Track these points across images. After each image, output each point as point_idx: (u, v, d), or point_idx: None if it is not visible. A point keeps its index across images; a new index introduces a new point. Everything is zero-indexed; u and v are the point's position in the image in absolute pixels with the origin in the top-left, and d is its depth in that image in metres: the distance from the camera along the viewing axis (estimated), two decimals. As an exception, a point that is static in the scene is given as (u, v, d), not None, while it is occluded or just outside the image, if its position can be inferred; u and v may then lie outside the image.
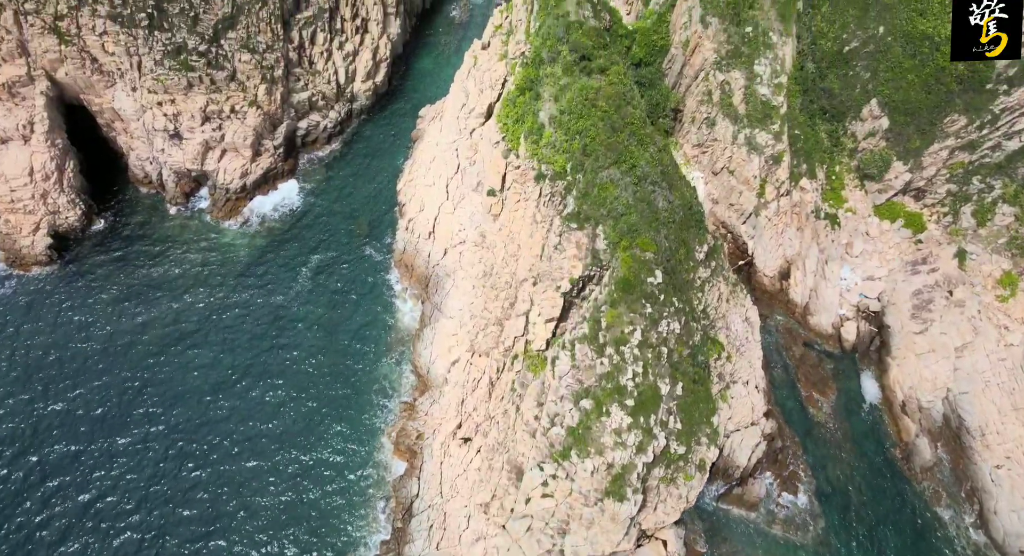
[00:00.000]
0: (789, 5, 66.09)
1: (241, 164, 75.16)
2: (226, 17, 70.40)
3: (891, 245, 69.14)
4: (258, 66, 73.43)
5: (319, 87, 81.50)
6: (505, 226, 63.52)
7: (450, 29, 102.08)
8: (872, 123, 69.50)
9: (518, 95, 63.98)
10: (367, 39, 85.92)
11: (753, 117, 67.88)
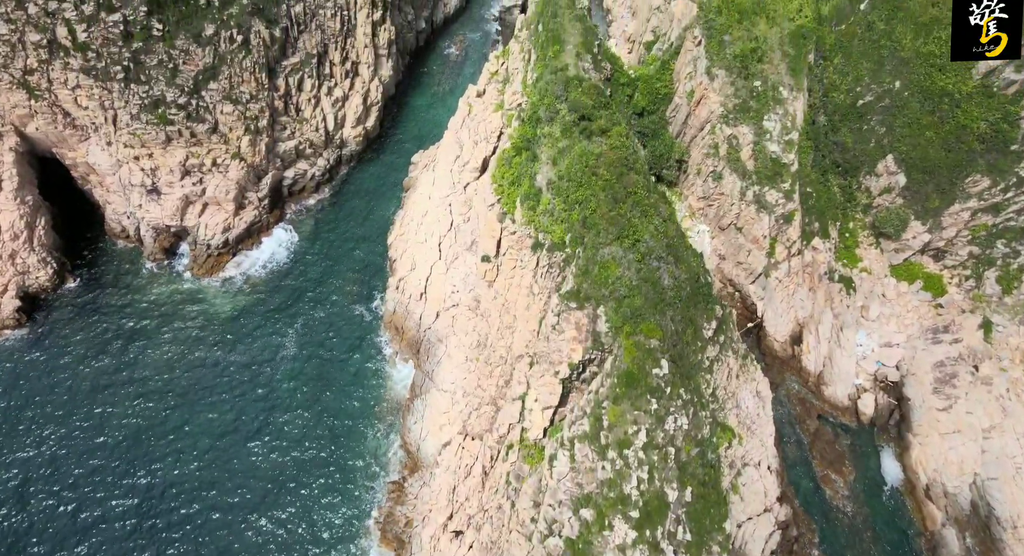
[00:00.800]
0: (800, 59, 63.07)
1: (223, 218, 71.86)
2: (207, 68, 67.37)
3: (909, 309, 65.70)
4: (241, 117, 70.32)
5: (306, 135, 78.39)
6: (500, 293, 60.10)
7: (445, 66, 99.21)
8: (888, 179, 66.29)
9: (514, 155, 60.79)
10: (357, 83, 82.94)
11: (762, 174, 64.68)
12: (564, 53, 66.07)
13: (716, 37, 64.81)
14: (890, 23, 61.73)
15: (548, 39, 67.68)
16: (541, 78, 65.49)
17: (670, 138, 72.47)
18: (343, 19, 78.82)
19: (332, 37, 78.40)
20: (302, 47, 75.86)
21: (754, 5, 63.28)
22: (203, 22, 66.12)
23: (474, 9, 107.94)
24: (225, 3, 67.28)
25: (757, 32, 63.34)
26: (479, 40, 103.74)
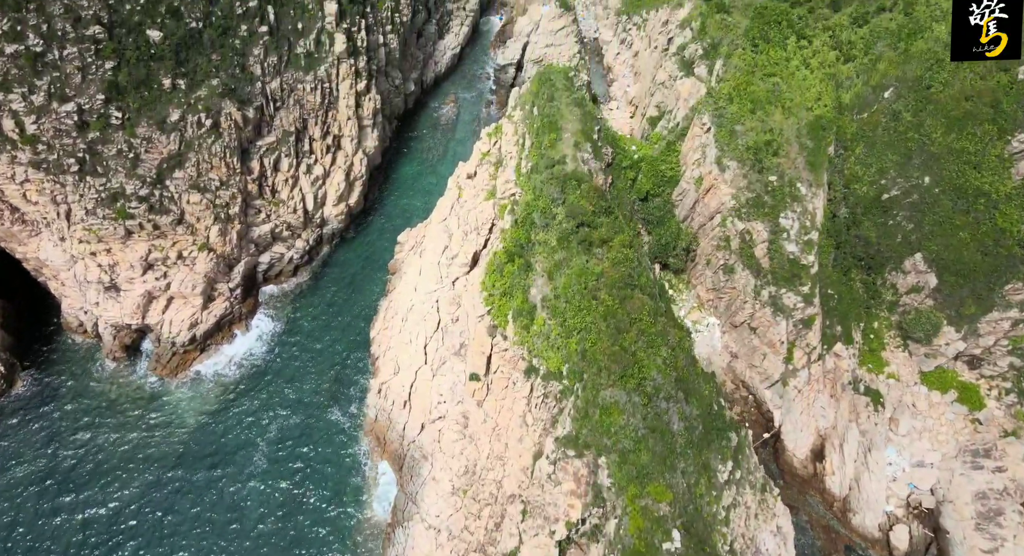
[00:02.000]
0: (819, 153, 58.23)
1: (190, 314, 66.48)
2: (172, 156, 62.48)
3: (943, 423, 60.17)
4: (210, 206, 65.27)
5: (284, 217, 73.36)
6: (490, 416, 54.66)
7: (435, 129, 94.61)
8: (916, 277, 61.09)
9: (506, 261, 55.68)
10: (340, 157, 78.13)
11: (779, 275, 59.49)
12: (561, 142, 61.28)
13: (727, 126, 60.01)
14: (918, 115, 56.92)
15: (544, 125, 62.93)
16: (536, 170, 60.63)
17: (677, 225, 67.45)
18: (324, 92, 74.24)
19: (312, 112, 73.73)
20: (279, 125, 71.13)
21: (768, 94, 58.56)
22: (168, 107, 61.39)
23: (467, 66, 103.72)
24: (193, 86, 62.59)
25: (772, 123, 58.55)
26: (472, 100, 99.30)
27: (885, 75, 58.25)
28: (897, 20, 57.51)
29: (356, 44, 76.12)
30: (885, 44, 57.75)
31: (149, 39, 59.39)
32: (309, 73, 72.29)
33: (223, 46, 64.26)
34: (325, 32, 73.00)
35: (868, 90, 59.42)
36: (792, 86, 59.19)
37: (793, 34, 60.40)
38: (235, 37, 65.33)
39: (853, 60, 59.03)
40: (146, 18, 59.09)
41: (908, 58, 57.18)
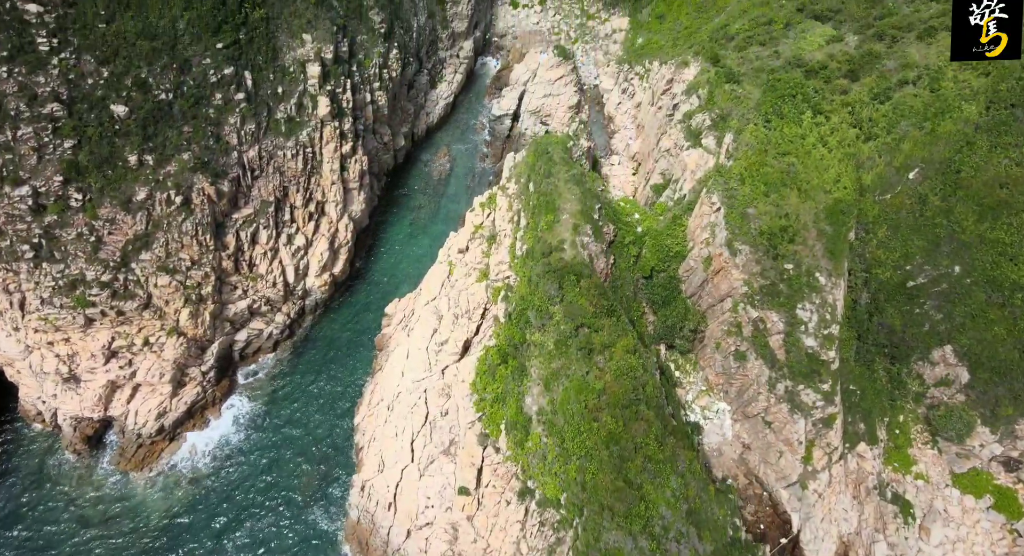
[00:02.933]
0: (839, 239, 54.15)
1: (158, 402, 61.99)
2: (138, 236, 58.40)
3: (979, 532, 55.46)
4: (180, 288, 61.05)
5: (262, 292, 69.12)
6: (482, 536, 50.08)
7: (427, 186, 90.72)
8: (946, 369, 56.71)
9: (498, 362, 51.42)
10: (323, 224, 74.09)
11: (796, 370, 55.13)
12: (559, 224, 57.27)
13: (738, 208, 56.00)
14: (947, 200, 52.91)
15: (541, 204, 59.01)
16: (532, 255, 56.58)
17: (684, 304, 63.20)
18: (306, 157, 70.36)
19: (293, 178, 69.79)
20: (257, 195, 67.16)
21: (783, 176, 54.60)
22: (134, 185, 57.47)
23: (461, 115, 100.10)
24: (162, 161, 58.68)
25: (787, 207, 54.51)
26: (466, 152, 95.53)
27: (910, 156, 54.33)
28: (923, 98, 53.68)
29: (341, 105, 72.41)
30: (910, 123, 53.89)
31: (113, 114, 55.59)
32: (290, 138, 68.48)
33: (196, 117, 60.44)
34: (308, 95, 69.29)
35: (891, 171, 55.45)
36: (808, 166, 55.22)
37: (809, 109, 56.59)
38: (209, 106, 61.54)
39: (875, 139, 55.13)
40: (110, 92, 55.32)
41: (935, 139, 53.30)
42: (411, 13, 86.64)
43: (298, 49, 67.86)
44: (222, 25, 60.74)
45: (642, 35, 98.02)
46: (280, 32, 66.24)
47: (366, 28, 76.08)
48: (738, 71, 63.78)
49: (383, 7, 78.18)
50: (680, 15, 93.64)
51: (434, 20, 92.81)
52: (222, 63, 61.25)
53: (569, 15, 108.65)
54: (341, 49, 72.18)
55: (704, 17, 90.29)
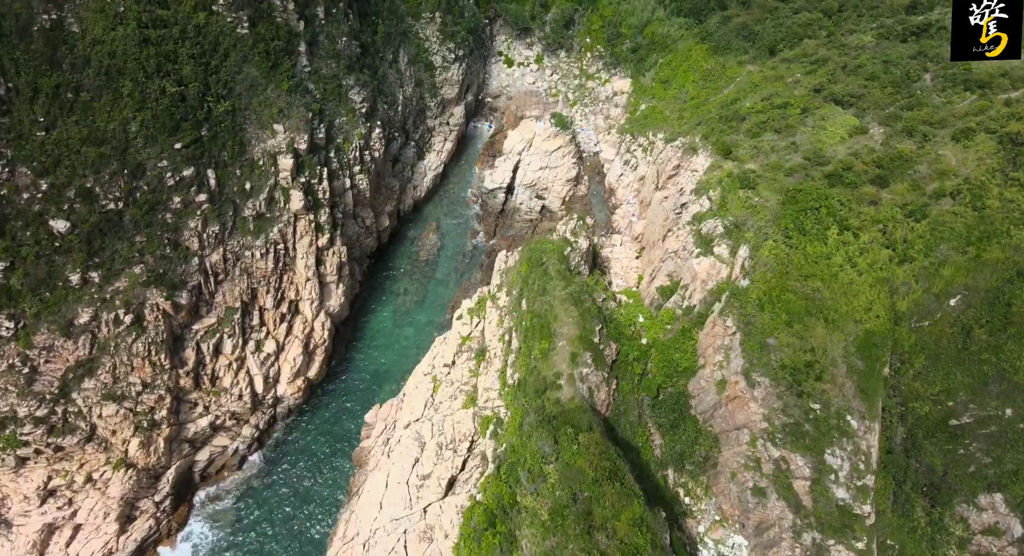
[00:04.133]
0: (873, 377, 48.42)
1: (103, 544, 55.66)
2: (81, 363, 52.63)
3: None
4: (129, 415, 55.15)
5: (227, 406, 63.13)
6: None
7: (414, 267, 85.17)
8: (995, 517, 50.59)
9: (485, 526, 45.35)
10: (297, 324, 68.35)
11: (827, 523, 49.08)
12: (555, 352, 51.60)
13: (756, 336, 50.40)
14: (996, 336, 47.25)
15: (534, 327, 53.34)
16: (524, 389, 50.78)
17: (694, 426, 57.41)
18: (278, 255, 64.91)
19: (263, 279, 64.25)
20: (221, 302, 61.53)
21: (807, 303, 49.03)
22: (76, 307, 51.79)
23: (451, 186, 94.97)
24: (109, 277, 53.13)
25: (813, 340, 48.87)
26: (456, 228, 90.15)
27: (951, 282, 48.81)
28: (964, 218, 48.30)
29: (317, 196, 67.15)
30: (950, 247, 48.45)
31: (53, 231, 50.07)
32: (259, 237, 63.09)
33: (150, 225, 55.05)
34: (279, 188, 64.04)
35: (930, 297, 49.91)
36: (835, 291, 49.68)
37: (835, 224, 51.20)
38: (166, 211, 56.22)
39: (910, 261, 49.63)
40: (49, 206, 49.93)
41: (980, 265, 47.82)
42: (396, 85, 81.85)
43: (268, 140, 62.75)
44: (181, 123, 55.61)
45: (645, 100, 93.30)
46: (248, 124, 61.14)
47: (345, 109, 71.09)
48: (753, 173, 58.48)
49: (365, 85, 73.27)
50: (686, 82, 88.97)
51: (422, 88, 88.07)
52: (181, 164, 56.00)
53: (568, 75, 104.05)
54: (317, 136, 67.08)
55: (711, 87, 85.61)
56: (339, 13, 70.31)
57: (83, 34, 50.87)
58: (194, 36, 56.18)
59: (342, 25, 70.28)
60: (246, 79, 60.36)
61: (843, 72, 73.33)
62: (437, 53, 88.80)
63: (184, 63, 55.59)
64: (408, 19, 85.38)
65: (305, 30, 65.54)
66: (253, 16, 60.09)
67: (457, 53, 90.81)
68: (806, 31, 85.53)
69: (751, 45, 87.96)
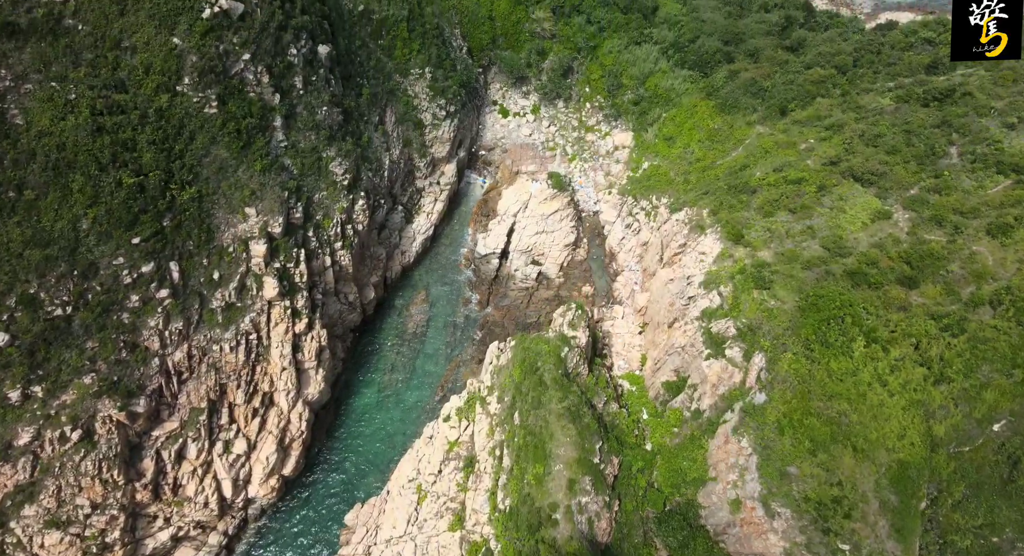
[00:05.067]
0: (909, 515, 43.67)
1: None
2: (20, 488, 47.75)
3: None
4: (75, 542, 50.09)
5: (191, 516, 58.10)
6: None
7: (401, 342, 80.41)
8: None
9: None
10: (272, 418, 63.58)
11: None
12: (551, 479, 46.79)
13: (775, 463, 45.69)
14: (1047, 470, 42.55)
15: (528, 446, 48.55)
16: (516, 520, 45.87)
17: (705, 545, 52.59)
18: (250, 347, 60.33)
19: (233, 373, 59.57)
20: (185, 403, 56.76)
21: (832, 429, 44.34)
22: (15, 426, 47.03)
23: (442, 248, 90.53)
24: (55, 390, 48.38)
25: (840, 472, 44.15)
26: (447, 295, 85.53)
27: (995, 407, 44.17)
28: (1009, 336, 43.75)
29: (293, 280, 62.60)
30: (993, 368, 43.84)
31: (-10, 344, 45.33)
32: (229, 329, 58.50)
33: (104, 328, 50.47)
34: (252, 275, 59.52)
35: (971, 422, 45.21)
36: (864, 414, 45.01)
37: (861, 335, 46.62)
38: (122, 311, 51.62)
39: (948, 382, 44.98)
40: (-14, 318, 45.16)
41: (1028, 390, 43.22)
42: (382, 149, 77.69)
43: (239, 225, 58.37)
44: (139, 216, 51.23)
45: (648, 158, 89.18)
46: (217, 209, 56.79)
47: (326, 183, 66.81)
48: (767, 267, 53.95)
49: (347, 154, 69.06)
50: (691, 141, 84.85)
51: (410, 149, 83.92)
52: (139, 260, 51.56)
53: (566, 127, 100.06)
54: (294, 216, 62.75)
55: (718, 149, 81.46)
56: (320, 80, 66.24)
57: (28, 126, 46.57)
58: (155, 120, 51.93)
59: (322, 93, 66.15)
60: (215, 162, 56.06)
61: (860, 141, 69.14)
62: (427, 110, 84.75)
63: (144, 150, 51.29)
64: (395, 76, 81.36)
65: (281, 103, 61.40)
66: (223, 93, 55.93)
67: (448, 109, 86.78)
68: (818, 89, 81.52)
69: (760, 102, 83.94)
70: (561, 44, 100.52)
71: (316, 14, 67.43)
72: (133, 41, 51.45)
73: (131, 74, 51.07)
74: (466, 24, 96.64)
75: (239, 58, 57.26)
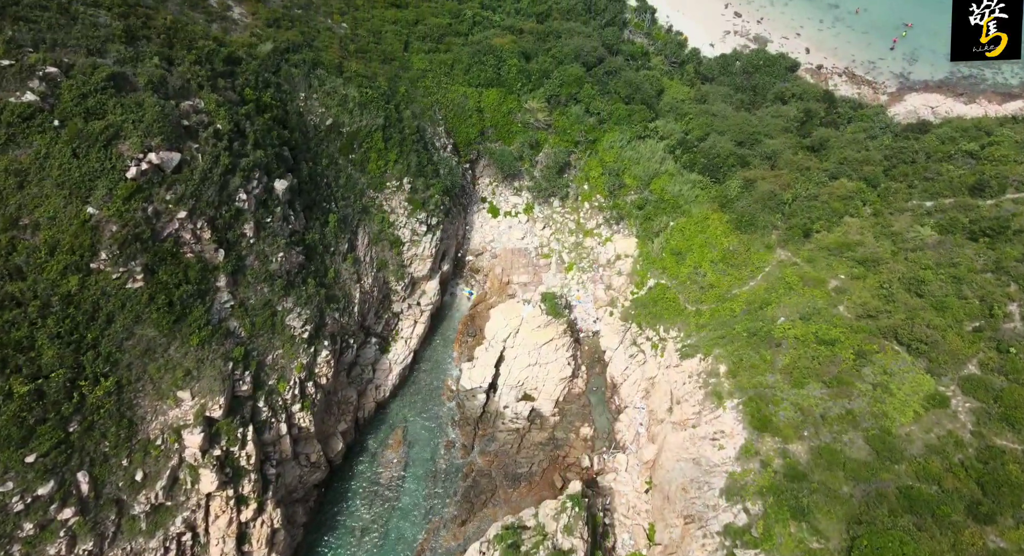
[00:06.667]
0: None
1: None
2: None
3: None
4: None
5: None
6: None
7: (374, 496, 71.30)
8: None
9: None
10: (209, 628, 54.20)
11: None
12: None
13: None
14: None
15: None
16: None
17: None
18: (182, 549, 51.38)
19: (160, 588, 50.39)
20: (97, 636, 47.45)
21: None
22: None
23: (421, 375, 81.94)
24: None
25: None
26: (427, 433, 76.76)
27: None
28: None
29: (238, 464, 53.96)
30: None
31: None
32: (155, 535, 49.89)
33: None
34: (186, 467, 50.91)
35: None
36: None
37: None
38: (12, 543, 42.75)
39: None
40: None
41: None
42: (352, 282, 69.65)
43: (170, 412, 50.03)
44: (36, 429, 42.68)
45: (653, 274, 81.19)
46: (142, 398, 48.45)
47: (282, 340, 58.59)
48: (804, 482, 45.46)
49: (308, 300, 61.00)
50: (702, 260, 76.86)
51: (386, 272, 75.91)
52: (35, 482, 43.12)
53: (562, 229, 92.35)
54: (240, 389, 54.46)
55: (734, 275, 73.50)
56: (276, 220, 58.40)
57: None
58: (61, 309, 43.73)
59: (279, 237, 58.24)
60: (139, 344, 47.84)
61: (900, 285, 61.25)
62: (405, 226, 76.88)
63: (45, 348, 43.02)
64: (369, 192, 73.68)
65: (227, 259, 53.39)
66: (151, 262, 47.88)
67: (429, 222, 78.97)
68: (846, 207, 73.95)
69: (779, 217, 76.25)
70: (557, 136, 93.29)
71: (273, 144, 59.88)
72: (35, 217, 43.54)
73: (31, 257, 43.03)
74: (451, 119, 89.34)
75: (173, 217, 49.37)
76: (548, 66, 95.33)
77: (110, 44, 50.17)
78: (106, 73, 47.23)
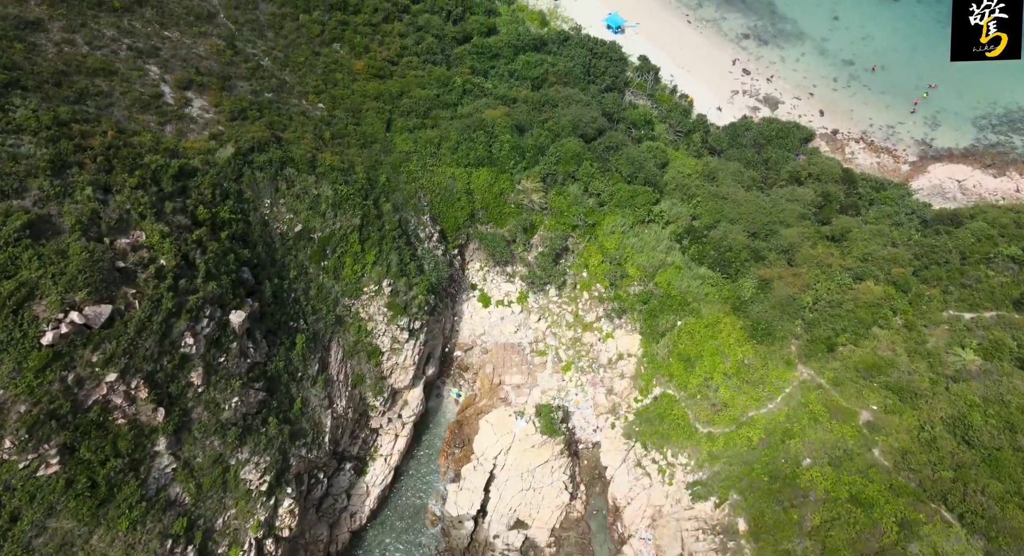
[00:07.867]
0: None
1: None
2: None
3: None
4: None
5: None
6: None
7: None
8: None
9: None
10: None
11: None
12: None
13: None
14: None
15: None
16: None
17: None
18: None
19: None
20: None
21: None
22: None
23: (403, 493, 74.92)
24: None
25: None
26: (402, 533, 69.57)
27: None
28: None
29: (178, 657, 46.71)
30: None
31: None
32: None
33: None
34: None
35: None
36: None
37: None
38: None
39: None
40: None
41: None
42: (322, 409, 63.05)
43: (94, 610, 42.79)
44: None
45: (659, 381, 74.58)
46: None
47: (235, 497, 51.81)
48: None
49: (268, 445, 54.33)
50: (714, 372, 70.23)
51: (363, 387, 69.28)
52: None
53: (558, 322, 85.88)
54: (179, 573, 47.30)
55: (751, 394, 66.88)
56: (231, 358, 51.88)
57: None
58: (-47, 517, 36.95)
59: (233, 379, 51.68)
60: (54, 538, 41.03)
61: (944, 427, 54.65)
62: (384, 334, 70.38)
63: (-72, 569, 36.25)
64: (344, 300, 67.30)
65: (168, 418, 46.75)
66: (71, 439, 41.25)
67: (412, 327, 72.50)
68: (874, 317, 67.44)
69: (799, 323, 69.82)
70: (553, 218, 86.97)
71: (230, 270, 53.51)
72: (-77, 408, 36.95)
73: (-85, 460, 36.40)
74: (437, 204, 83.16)
75: (100, 381, 42.83)
76: (544, 140, 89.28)
77: (32, 180, 43.90)
78: (20, 222, 40.98)
